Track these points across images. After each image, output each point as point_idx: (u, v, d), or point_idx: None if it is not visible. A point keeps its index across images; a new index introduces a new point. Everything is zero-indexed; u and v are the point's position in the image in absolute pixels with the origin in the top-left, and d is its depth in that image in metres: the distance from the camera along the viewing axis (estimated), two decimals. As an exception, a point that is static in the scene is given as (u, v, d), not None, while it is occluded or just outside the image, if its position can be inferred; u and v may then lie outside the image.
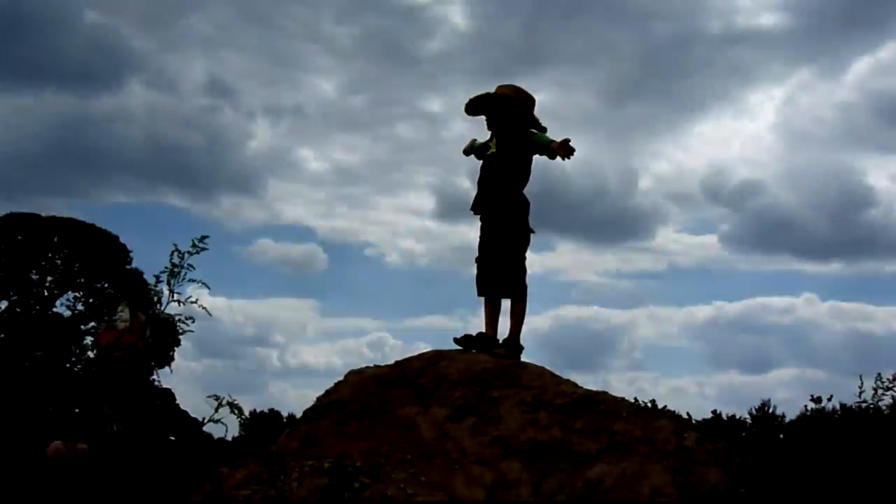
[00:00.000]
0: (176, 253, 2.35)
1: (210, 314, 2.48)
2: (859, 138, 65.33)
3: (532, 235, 5.24)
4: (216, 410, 2.30)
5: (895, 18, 64.43)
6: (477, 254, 5.31)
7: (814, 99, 67.75)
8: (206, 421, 2.28)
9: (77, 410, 4.13)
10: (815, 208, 58.61)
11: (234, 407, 2.16)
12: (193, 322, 2.40)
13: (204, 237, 2.39)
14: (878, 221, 55.76)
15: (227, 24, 65.19)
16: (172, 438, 4.17)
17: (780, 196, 60.53)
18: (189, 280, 2.38)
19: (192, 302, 2.38)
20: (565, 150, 5.02)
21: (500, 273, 5.13)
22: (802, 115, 67.68)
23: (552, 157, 5.15)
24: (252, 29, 66.46)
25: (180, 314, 2.32)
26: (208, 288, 2.42)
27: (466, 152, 5.71)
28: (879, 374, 3.61)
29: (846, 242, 57.93)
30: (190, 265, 2.37)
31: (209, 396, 2.19)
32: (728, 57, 65.83)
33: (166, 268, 2.34)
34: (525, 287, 5.18)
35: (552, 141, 5.10)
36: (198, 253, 2.38)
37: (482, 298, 5.28)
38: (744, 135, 72.85)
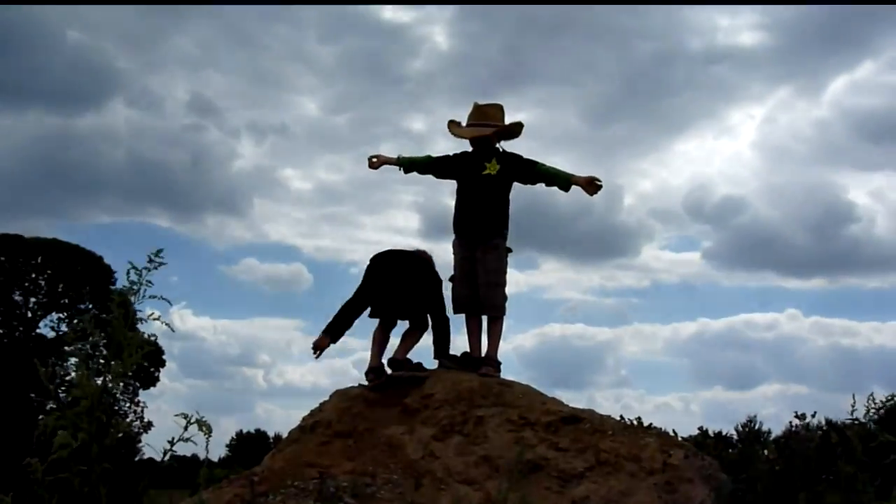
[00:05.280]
0: (133, 270, 2.32)
1: (173, 330, 2.46)
2: (838, 156, 66.24)
3: (509, 254, 5.28)
4: (185, 429, 2.27)
5: (872, 38, 65.40)
6: (454, 273, 5.31)
7: (793, 117, 68.63)
8: (175, 441, 2.25)
9: None
10: (798, 225, 59.24)
11: (202, 425, 2.12)
12: (156, 339, 2.37)
13: (159, 251, 2.36)
14: (860, 237, 56.42)
15: (211, 43, 65.40)
16: None
17: (762, 213, 61.12)
18: (149, 297, 2.34)
19: (154, 318, 2.35)
20: (594, 189, 5.09)
21: (487, 292, 5.14)
22: (782, 133, 68.54)
23: (565, 189, 5.19)
24: (236, 49, 66.67)
25: (143, 332, 2.29)
26: (169, 304, 2.39)
27: (374, 166, 5.50)
28: (872, 393, 3.65)
29: (829, 258, 58.55)
30: (148, 281, 2.33)
31: (177, 415, 2.16)
32: (709, 76, 66.63)
33: (124, 287, 2.31)
34: (505, 305, 5.21)
35: (572, 175, 5.16)
36: (156, 269, 2.34)
37: (462, 318, 5.30)
38: (725, 152, 73.62)
